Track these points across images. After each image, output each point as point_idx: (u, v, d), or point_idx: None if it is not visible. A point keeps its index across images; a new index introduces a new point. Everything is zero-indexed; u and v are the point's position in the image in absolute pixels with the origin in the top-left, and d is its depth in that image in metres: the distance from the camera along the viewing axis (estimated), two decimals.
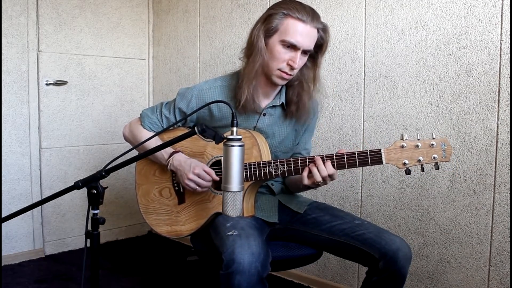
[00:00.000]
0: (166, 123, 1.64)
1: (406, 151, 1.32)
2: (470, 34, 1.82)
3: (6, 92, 2.60)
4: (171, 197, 1.64)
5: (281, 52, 1.44)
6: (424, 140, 1.32)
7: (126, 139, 1.74)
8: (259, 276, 1.27)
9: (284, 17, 1.42)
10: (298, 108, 1.57)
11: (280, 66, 1.45)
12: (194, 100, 1.59)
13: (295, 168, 1.43)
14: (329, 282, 2.34)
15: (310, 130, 1.74)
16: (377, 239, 1.43)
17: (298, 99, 1.56)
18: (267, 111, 1.59)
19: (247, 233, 1.34)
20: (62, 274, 2.52)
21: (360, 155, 1.35)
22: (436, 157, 1.31)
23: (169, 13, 3.10)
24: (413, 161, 1.32)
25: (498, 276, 1.80)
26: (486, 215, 1.82)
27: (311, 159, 1.41)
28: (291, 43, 1.42)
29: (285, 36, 1.42)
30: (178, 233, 1.61)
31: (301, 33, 1.41)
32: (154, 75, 3.26)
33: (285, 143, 1.65)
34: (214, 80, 1.62)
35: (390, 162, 1.33)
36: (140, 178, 1.72)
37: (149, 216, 1.68)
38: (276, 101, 1.59)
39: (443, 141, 1.31)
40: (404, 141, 1.32)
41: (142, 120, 1.67)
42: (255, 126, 1.59)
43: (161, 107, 1.66)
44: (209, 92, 1.59)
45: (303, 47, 1.43)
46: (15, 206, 2.65)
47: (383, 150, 1.33)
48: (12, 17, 2.59)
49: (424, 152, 1.31)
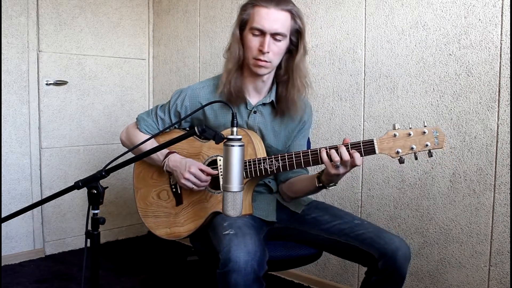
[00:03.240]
0: (162, 125, 1.65)
1: (398, 140, 1.32)
2: (470, 34, 1.82)
3: (6, 92, 2.60)
4: (169, 199, 1.64)
5: (252, 40, 1.48)
6: (416, 128, 1.32)
7: (123, 144, 1.76)
8: (255, 274, 1.27)
9: (251, 7, 1.48)
10: (287, 102, 1.57)
11: (254, 54, 1.48)
12: (188, 100, 1.60)
13: (289, 163, 1.43)
14: (329, 282, 2.34)
15: (304, 134, 1.71)
16: (377, 238, 1.43)
17: (286, 93, 1.56)
18: (258, 108, 1.59)
19: (244, 232, 1.35)
20: (62, 274, 2.52)
21: (353, 146, 1.35)
22: (429, 145, 1.31)
23: (169, 13, 3.10)
24: (406, 150, 1.32)
25: (498, 276, 1.80)
26: (486, 215, 1.82)
27: (304, 153, 1.41)
28: (256, 28, 1.46)
29: (252, 24, 1.47)
30: (177, 235, 1.61)
31: (265, 18, 1.45)
32: (154, 75, 3.26)
33: (275, 146, 1.64)
34: (207, 80, 1.65)
35: (383, 151, 1.33)
36: (138, 181, 1.72)
37: (148, 219, 1.68)
38: (266, 98, 1.59)
39: (435, 129, 1.31)
40: (396, 131, 1.33)
41: (138, 124, 1.68)
42: (247, 122, 1.60)
43: (156, 109, 1.68)
44: (202, 91, 1.61)
45: (269, 31, 1.45)
46: (15, 206, 2.65)
47: (375, 140, 1.34)
48: (12, 17, 2.59)
49: (416, 140, 1.31)
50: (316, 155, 1.39)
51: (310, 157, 1.40)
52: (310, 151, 1.41)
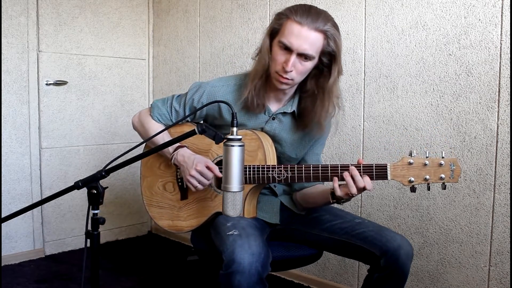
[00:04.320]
0: (175, 116, 1.63)
1: (413, 168, 1.28)
2: (470, 34, 1.82)
3: (6, 92, 2.60)
4: (174, 192, 1.64)
5: (278, 54, 1.42)
6: (433, 158, 1.28)
7: (134, 128, 1.74)
8: (259, 276, 1.26)
9: (285, 19, 1.40)
10: (310, 119, 1.51)
11: (277, 69, 1.42)
12: (205, 96, 1.57)
13: (298, 175, 1.40)
14: (329, 282, 2.34)
15: (322, 143, 1.67)
16: (378, 236, 1.43)
17: (313, 110, 1.50)
18: (277, 115, 1.56)
19: (248, 233, 1.34)
20: (62, 274, 2.52)
21: (365, 168, 1.33)
22: (444, 177, 1.27)
23: (169, 13, 3.10)
24: (419, 179, 1.29)
25: (498, 276, 1.80)
26: (486, 215, 1.82)
27: (315, 167, 1.38)
28: (284, 44, 1.39)
29: (281, 37, 1.40)
30: (179, 228, 1.62)
31: (295, 35, 1.37)
32: (154, 75, 3.26)
33: (289, 153, 1.61)
34: (228, 78, 1.60)
35: (395, 178, 1.30)
36: (146, 170, 1.72)
37: (152, 208, 1.68)
38: (287, 107, 1.55)
39: (452, 161, 1.26)
40: (412, 158, 1.28)
41: (151, 111, 1.66)
42: (262, 128, 1.57)
43: (172, 99, 1.65)
44: (221, 89, 1.56)
45: (297, 50, 1.38)
46: (15, 206, 2.65)
47: (389, 165, 1.30)
48: (12, 17, 2.59)
49: (431, 171, 1.27)
50: (327, 173, 1.37)
51: (320, 174, 1.38)
52: (320, 166, 1.38)
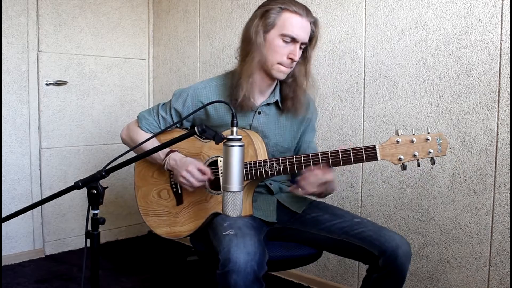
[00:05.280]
0: (163, 124, 1.65)
1: (401, 146, 1.31)
2: (470, 34, 1.82)
3: (6, 92, 2.60)
4: (169, 198, 1.64)
5: (281, 46, 1.47)
6: (419, 135, 1.31)
7: (124, 142, 1.76)
8: (255, 275, 1.27)
9: (281, 12, 1.45)
10: (294, 103, 1.58)
11: (281, 60, 1.48)
12: (190, 100, 1.60)
13: (290, 166, 1.43)
14: (329, 282, 2.34)
15: (311, 129, 1.73)
16: (377, 236, 1.43)
17: (293, 95, 1.57)
18: (261, 109, 1.59)
19: (244, 233, 1.35)
20: (62, 274, 2.52)
21: (355, 151, 1.35)
22: (432, 152, 1.30)
23: (169, 13, 3.10)
24: (408, 157, 1.31)
25: (498, 276, 1.80)
26: (486, 215, 1.82)
27: (306, 157, 1.41)
28: (291, 37, 1.45)
29: (285, 30, 1.45)
30: (177, 234, 1.61)
31: (299, 27, 1.46)
32: (154, 75, 3.26)
33: (281, 144, 1.64)
34: (209, 80, 1.64)
35: (385, 158, 1.33)
36: (139, 180, 1.72)
37: (149, 218, 1.68)
38: (270, 98, 1.60)
39: (438, 136, 1.30)
40: (399, 137, 1.32)
41: (139, 122, 1.68)
42: (251, 125, 1.60)
43: (158, 108, 1.67)
44: (204, 91, 1.60)
45: (301, 40, 1.47)
46: (15, 206, 2.65)
47: (377, 146, 1.33)
48: (12, 17, 2.59)
49: (419, 147, 1.30)
50: (317, 159, 1.39)
51: (312, 163, 1.40)
52: (311, 154, 1.41)
